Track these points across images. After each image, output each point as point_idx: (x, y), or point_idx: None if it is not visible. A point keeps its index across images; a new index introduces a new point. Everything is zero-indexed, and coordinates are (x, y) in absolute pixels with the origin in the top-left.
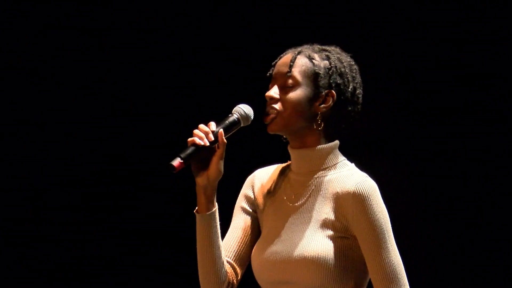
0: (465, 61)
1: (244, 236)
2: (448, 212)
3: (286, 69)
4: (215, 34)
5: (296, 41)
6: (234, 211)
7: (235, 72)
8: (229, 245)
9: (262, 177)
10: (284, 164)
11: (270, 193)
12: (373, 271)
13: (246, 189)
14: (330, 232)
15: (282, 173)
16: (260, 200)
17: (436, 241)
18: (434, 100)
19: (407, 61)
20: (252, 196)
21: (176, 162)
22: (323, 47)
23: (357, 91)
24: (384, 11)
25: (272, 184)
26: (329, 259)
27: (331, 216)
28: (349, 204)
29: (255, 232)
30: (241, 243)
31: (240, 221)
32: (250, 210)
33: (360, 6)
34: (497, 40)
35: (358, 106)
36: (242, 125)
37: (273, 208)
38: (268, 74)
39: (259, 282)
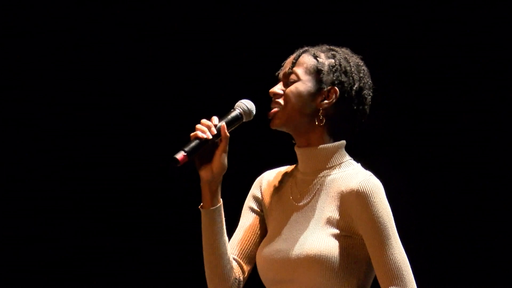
0: (467, 61)
1: (251, 234)
2: (448, 212)
3: (289, 67)
4: (223, 31)
5: (305, 41)
6: (242, 211)
7: (241, 71)
8: (236, 243)
9: (270, 178)
10: (292, 166)
11: (277, 193)
12: (378, 268)
13: (254, 190)
14: (334, 231)
15: (290, 173)
16: (267, 200)
17: (436, 241)
18: (434, 100)
19: (407, 60)
20: (260, 196)
21: (180, 155)
22: (331, 47)
23: (364, 92)
24: (384, 11)
25: (279, 184)
26: (331, 257)
27: (335, 214)
28: (353, 202)
29: (261, 231)
30: (247, 242)
31: (247, 221)
32: (258, 210)
33: (360, 6)
34: (499, 40)
35: (365, 107)
36: (244, 120)
37: (279, 207)
38: (276, 74)
39: (263, 280)
